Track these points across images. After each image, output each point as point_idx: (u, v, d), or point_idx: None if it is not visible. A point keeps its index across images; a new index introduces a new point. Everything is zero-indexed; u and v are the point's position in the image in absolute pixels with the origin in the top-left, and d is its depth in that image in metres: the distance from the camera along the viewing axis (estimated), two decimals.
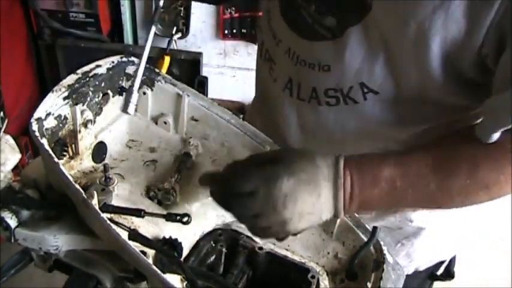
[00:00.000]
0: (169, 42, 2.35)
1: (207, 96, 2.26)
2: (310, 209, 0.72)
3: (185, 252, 0.81)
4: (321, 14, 0.81)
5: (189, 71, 2.44)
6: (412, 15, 0.72)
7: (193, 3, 2.35)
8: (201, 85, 2.44)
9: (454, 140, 0.79)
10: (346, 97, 0.85)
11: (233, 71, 2.62)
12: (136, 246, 0.68)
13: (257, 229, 0.75)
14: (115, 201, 0.77)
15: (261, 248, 0.83)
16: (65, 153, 0.82)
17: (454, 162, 0.75)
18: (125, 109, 0.82)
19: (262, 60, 0.99)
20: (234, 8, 2.41)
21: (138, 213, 0.75)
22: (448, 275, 1.12)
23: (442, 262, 1.12)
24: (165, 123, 0.94)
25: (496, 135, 0.72)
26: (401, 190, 0.75)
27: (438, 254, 1.09)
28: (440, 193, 0.76)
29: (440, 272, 1.14)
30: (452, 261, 1.13)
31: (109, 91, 0.89)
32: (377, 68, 0.80)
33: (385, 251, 0.82)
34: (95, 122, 0.86)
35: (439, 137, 0.82)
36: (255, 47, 2.50)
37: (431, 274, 1.12)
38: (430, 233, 1.00)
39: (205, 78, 2.46)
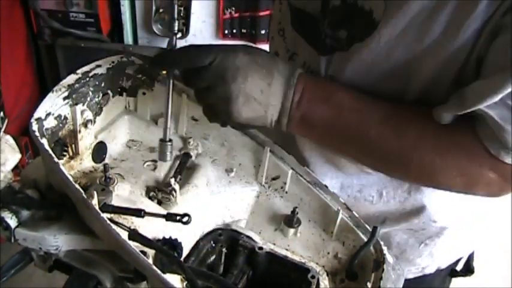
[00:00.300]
0: (169, 42, 2.35)
1: None
2: (257, 95, 0.73)
3: (185, 252, 0.81)
4: (333, 28, 0.81)
5: None
6: (427, 33, 0.72)
7: (193, 2, 2.35)
8: None
9: (414, 109, 0.79)
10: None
11: None
12: (136, 246, 0.68)
13: (205, 107, 0.76)
14: (115, 201, 0.77)
15: (261, 248, 0.83)
16: (65, 153, 0.82)
17: (403, 126, 0.77)
18: (162, 158, 0.82)
19: None
20: (234, 8, 2.42)
21: (138, 213, 0.75)
22: (468, 270, 1.13)
23: (460, 258, 1.12)
24: None
25: (447, 118, 0.74)
26: (345, 121, 0.76)
27: (459, 251, 1.09)
28: (378, 146, 0.77)
29: (457, 269, 1.14)
30: (471, 257, 1.13)
31: (109, 91, 0.89)
32: (379, 80, 0.80)
33: (385, 251, 0.82)
34: (95, 122, 0.86)
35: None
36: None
37: (451, 271, 1.12)
38: (452, 232, 1.00)
39: None
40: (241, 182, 0.93)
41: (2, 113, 1.74)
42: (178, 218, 0.77)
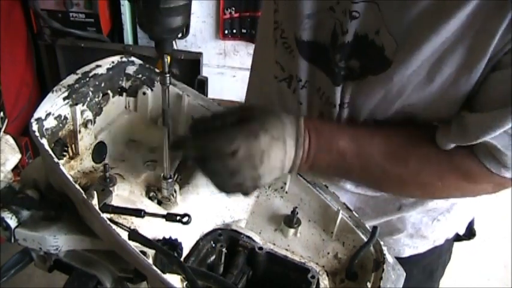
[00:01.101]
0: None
1: (206, 96, 2.26)
2: (279, 164, 0.77)
3: (185, 252, 0.81)
4: (345, 59, 0.83)
5: (189, 71, 2.44)
6: (439, 73, 0.75)
7: (193, 2, 2.35)
8: (201, 85, 2.44)
9: (415, 135, 0.84)
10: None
11: (233, 71, 2.62)
12: (136, 247, 0.68)
13: (230, 186, 0.76)
14: (115, 202, 0.77)
15: (261, 248, 0.83)
16: (65, 153, 0.82)
17: (404, 157, 0.82)
18: (165, 195, 0.84)
19: (290, 90, 0.97)
20: (234, 8, 2.42)
21: (138, 213, 0.75)
22: (471, 234, 1.17)
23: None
24: None
25: (450, 145, 0.79)
26: (349, 164, 0.81)
27: (465, 220, 1.14)
28: (382, 178, 0.83)
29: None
30: (472, 221, 1.17)
31: (109, 91, 0.89)
32: (391, 109, 0.83)
33: (385, 251, 0.82)
34: (94, 122, 0.86)
35: (405, 126, 0.86)
36: None
37: (456, 236, 1.16)
38: (460, 206, 1.04)
39: (205, 78, 2.46)
40: None
41: (2, 113, 1.74)
42: (178, 218, 0.77)
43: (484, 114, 0.74)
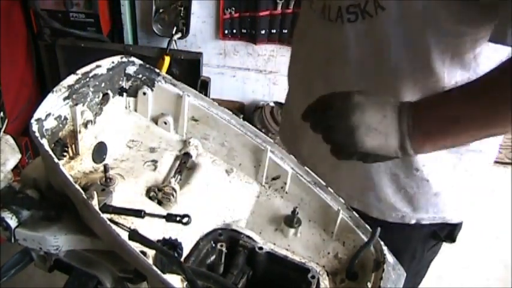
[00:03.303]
0: (169, 43, 2.35)
1: (209, 97, 2.26)
2: (376, 125, 0.81)
3: (185, 253, 0.81)
4: None
5: (189, 71, 2.44)
6: None
7: (193, 2, 2.35)
8: (203, 86, 2.44)
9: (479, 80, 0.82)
10: (363, 12, 0.92)
11: (233, 71, 2.62)
12: (136, 247, 0.68)
13: (332, 143, 0.84)
14: (115, 202, 0.77)
15: (261, 248, 0.83)
16: (65, 153, 0.82)
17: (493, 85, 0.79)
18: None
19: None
20: (234, 8, 2.42)
21: (138, 213, 0.75)
22: (450, 237, 1.16)
23: (446, 225, 1.13)
24: (165, 123, 0.94)
25: None
26: (458, 108, 0.80)
27: (441, 210, 1.10)
28: (497, 101, 0.77)
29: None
30: (458, 227, 1.15)
31: (109, 91, 0.89)
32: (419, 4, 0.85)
33: (386, 251, 0.82)
34: (95, 122, 0.86)
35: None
36: (255, 47, 2.51)
37: (434, 233, 1.14)
38: (434, 186, 1.04)
39: (208, 79, 2.46)
40: (241, 182, 0.93)
41: (2, 113, 1.74)
42: (178, 218, 0.77)
43: None
